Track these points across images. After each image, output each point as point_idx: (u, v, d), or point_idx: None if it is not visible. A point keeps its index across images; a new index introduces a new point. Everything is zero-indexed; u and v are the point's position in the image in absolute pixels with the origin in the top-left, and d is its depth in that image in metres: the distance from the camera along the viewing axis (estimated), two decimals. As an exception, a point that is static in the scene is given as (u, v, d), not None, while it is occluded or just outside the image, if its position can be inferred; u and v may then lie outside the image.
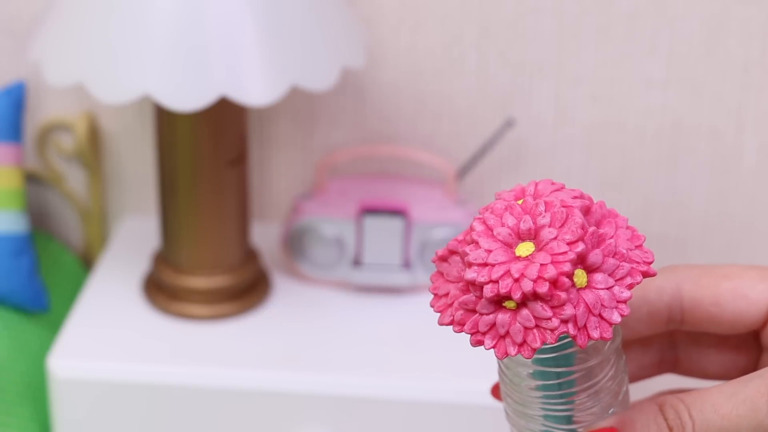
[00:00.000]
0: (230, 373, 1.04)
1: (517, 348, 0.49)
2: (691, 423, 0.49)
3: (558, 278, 0.48)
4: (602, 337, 0.48)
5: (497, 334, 0.49)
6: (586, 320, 0.48)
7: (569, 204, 0.50)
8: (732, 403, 0.49)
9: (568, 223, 0.49)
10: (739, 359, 0.57)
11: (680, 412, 0.50)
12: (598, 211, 0.51)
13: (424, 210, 1.14)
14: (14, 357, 1.11)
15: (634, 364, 0.58)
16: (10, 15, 1.22)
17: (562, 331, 0.48)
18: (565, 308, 0.48)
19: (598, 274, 0.49)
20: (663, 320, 0.55)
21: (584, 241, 0.49)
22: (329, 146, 1.24)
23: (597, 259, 0.49)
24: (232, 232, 1.10)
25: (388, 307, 1.14)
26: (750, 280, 0.54)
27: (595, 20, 1.17)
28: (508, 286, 0.48)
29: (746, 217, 1.24)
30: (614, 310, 0.49)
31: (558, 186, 0.51)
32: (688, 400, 0.50)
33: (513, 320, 0.49)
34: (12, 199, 1.16)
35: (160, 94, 0.96)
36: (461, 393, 1.03)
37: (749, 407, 0.48)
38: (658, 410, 0.50)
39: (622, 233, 0.50)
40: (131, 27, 0.96)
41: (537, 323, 0.48)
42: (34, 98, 1.25)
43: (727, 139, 1.21)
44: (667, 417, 0.50)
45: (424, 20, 1.19)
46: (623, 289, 0.49)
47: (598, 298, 0.48)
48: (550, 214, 0.49)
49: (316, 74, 1.00)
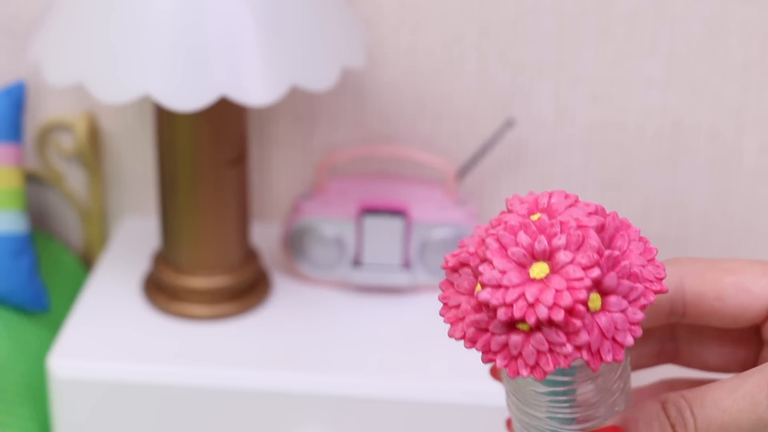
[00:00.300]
0: (230, 373, 1.04)
1: (529, 370, 0.48)
2: (693, 419, 0.50)
3: (574, 306, 0.47)
4: (615, 359, 0.48)
5: (509, 354, 0.49)
6: (600, 345, 0.48)
7: (584, 224, 0.49)
8: (732, 398, 0.49)
9: (584, 247, 0.48)
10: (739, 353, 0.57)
11: (682, 409, 0.50)
12: (612, 225, 0.50)
13: (424, 210, 1.14)
14: (14, 357, 1.11)
15: (634, 354, 0.58)
16: (10, 15, 1.22)
17: (576, 356, 0.48)
18: (581, 335, 0.48)
19: (613, 297, 0.49)
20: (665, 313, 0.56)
21: (600, 266, 0.48)
22: (329, 146, 1.24)
23: (612, 282, 0.49)
24: (232, 232, 1.10)
25: (388, 307, 1.14)
26: (753, 274, 0.54)
27: (595, 20, 1.17)
28: (522, 310, 0.48)
29: (746, 217, 1.24)
30: (627, 333, 0.48)
31: (572, 200, 0.50)
32: (690, 396, 0.50)
33: (526, 342, 0.48)
34: (12, 199, 1.16)
35: (160, 94, 0.96)
36: (461, 393, 1.03)
37: (749, 402, 0.49)
38: (660, 408, 0.51)
39: (634, 247, 0.50)
40: (131, 27, 0.96)
41: (551, 347, 0.48)
42: (34, 98, 1.25)
43: (726, 140, 1.21)
44: (670, 414, 0.50)
45: (424, 20, 1.19)
46: (636, 311, 0.49)
47: (611, 322, 0.48)
48: (566, 237, 0.49)
49: (316, 74, 1.00)
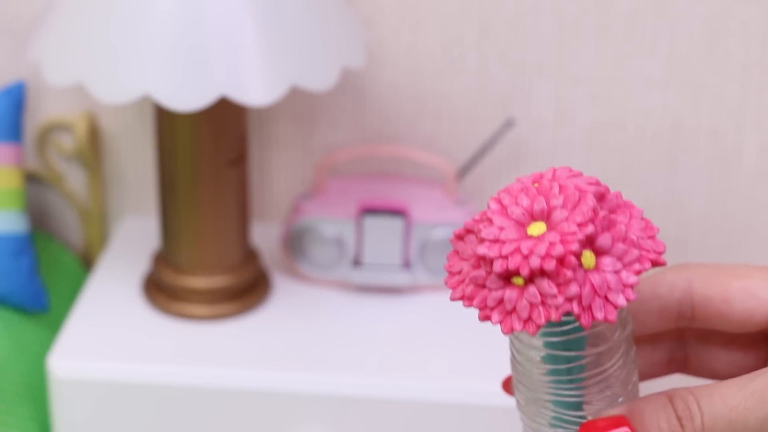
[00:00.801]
0: (230, 373, 1.04)
1: (522, 324, 0.49)
2: (700, 414, 0.50)
3: (565, 256, 0.49)
4: (606, 318, 0.49)
5: (504, 309, 0.50)
6: (591, 301, 0.49)
7: (583, 188, 0.51)
8: (741, 395, 0.50)
9: (579, 206, 0.50)
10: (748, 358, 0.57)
11: (689, 403, 0.50)
12: (614, 200, 0.51)
13: (424, 210, 1.14)
14: (14, 357, 1.11)
15: (644, 362, 0.58)
16: (10, 15, 1.22)
17: (567, 308, 0.49)
18: (571, 287, 0.48)
19: (607, 258, 0.50)
20: (673, 316, 0.56)
21: (594, 223, 0.49)
22: (329, 146, 1.24)
23: (606, 242, 0.50)
24: (232, 232, 1.10)
25: (388, 307, 1.14)
26: (760, 279, 0.54)
27: (595, 20, 1.17)
28: (517, 261, 0.49)
29: (746, 217, 1.24)
30: (620, 293, 0.49)
31: (576, 173, 0.52)
32: (698, 392, 0.51)
33: (520, 296, 0.49)
34: (12, 199, 1.16)
35: (160, 94, 0.96)
36: (461, 393, 1.03)
37: (757, 399, 0.49)
38: (667, 401, 0.51)
39: (635, 223, 0.51)
40: (131, 27, 0.96)
41: (543, 300, 0.49)
42: (34, 98, 1.25)
43: (726, 140, 1.21)
44: (677, 407, 0.51)
45: (424, 20, 1.19)
46: (630, 274, 0.49)
47: (604, 280, 0.49)
48: (563, 197, 0.50)
49: (316, 74, 0.99)
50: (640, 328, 0.57)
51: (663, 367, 0.59)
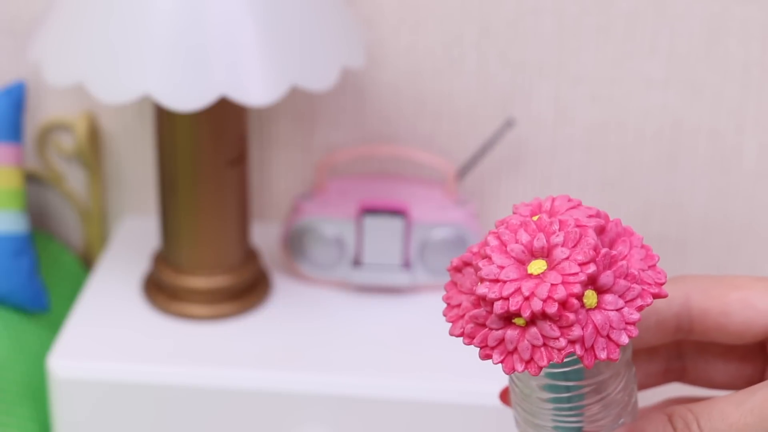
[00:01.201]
0: (230, 373, 1.04)
1: (524, 365, 0.49)
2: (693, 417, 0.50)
3: (567, 299, 0.48)
4: (609, 358, 0.49)
5: (505, 349, 0.50)
6: (594, 341, 0.49)
7: (583, 224, 0.50)
8: (740, 411, 0.49)
9: (581, 244, 0.49)
10: (745, 369, 0.57)
11: (689, 423, 0.50)
12: (613, 230, 0.51)
13: (424, 210, 1.14)
14: (14, 357, 1.11)
15: (641, 373, 0.58)
16: (10, 15, 1.22)
17: (569, 351, 0.48)
18: (574, 329, 0.48)
19: (609, 295, 0.49)
20: (671, 329, 0.56)
21: (596, 262, 0.49)
22: (329, 146, 1.24)
23: (608, 280, 0.49)
24: (232, 232, 1.10)
25: (388, 308, 1.13)
26: (759, 291, 0.54)
27: (595, 20, 1.17)
28: (518, 303, 0.49)
29: (746, 218, 1.24)
30: (622, 331, 0.49)
31: (575, 203, 0.51)
32: (697, 410, 0.50)
33: (521, 337, 0.49)
34: (12, 199, 1.16)
35: (160, 94, 0.96)
36: (461, 393, 1.03)
37: (757, 415, 0.49)
38: (667, 420, 0.51)
39: (636, 252, 0.51)
40: (131, 27, 0.96)
41: (545, 342, 0.48)
42: (34, 98, 1.25)
43: (727, 140, 1.21)
44: (676, 427, 0.51)
45: (424, 20, 1.19)
46: (633, 311, 0.49)
47: (606, 320, 0.49)
48: (564, 234, 0.49)
49: (316, 74, 0.99)
50: (638, 343, 0.56)
51: (660, 377, 0.59)
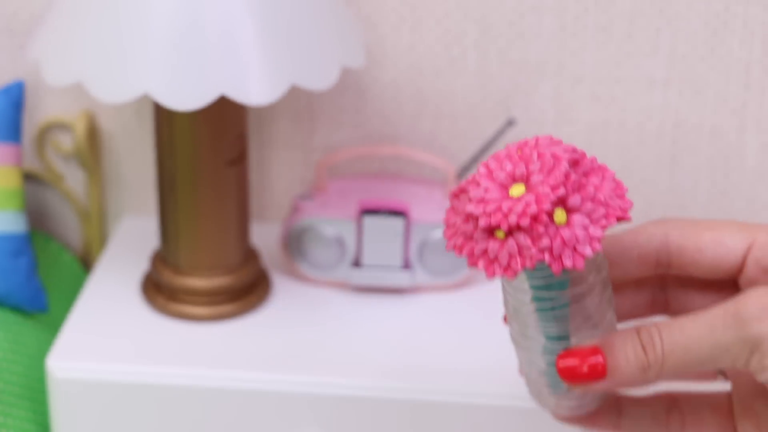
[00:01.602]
0: (230, 373, 1.04)
1: (502, 270, 0.59)
2: (660, 342, 0.58)
3: (539, 214, 0.57)
4: (575, 266, 0.57)
5: (488, 258, 0.60)
6: (561, 251, 0.58)
7: (559, 155, 0.59)
8: (694, 324, 0.57)
9: (554, 171, 0.58)
10: (720, 301, 0.64)
11: (652, 334, 0.58)
12: (588, 164, 0.60)
13: (424, 210, 1.14)
14: (12, 358, 1.11)
15: (628, 303, 0.66)
16: (8, 14, 1.21)
17: (539, 258, 0.58)
18: (543, 240, 0.57)
19: (577, 215, 0.58)
20: (652, 263, 0.63)
21: (566, 186, 0.58)
22: (329, 146, 1.24)
23: (576, 202, 0.58)
24: (231, 233, 1.10)
25: (388, 308, 1.13)
26: (729, 230, 0.62)
27: (596, 20, 1.17)
28: (498, 218, 0.59)
29: (747, 218, 1.23)
30: (587, 245, 0.58)
31: (556, 141, 0.60)
32: (661, 324, 0.59)
33: (501, 248, 0.59)
34: (10, 199, 1.16)
35: (160, 93, 0.95)
36: (461, 394, 1.02)
37: (708, 328, 0.57)
38: (635, 333, 0.59)
39: (607, 184, 0.59)
40: (131, 26, 0.96)
41: (520, 251, 0.58)
42: (33, 98, 1.24)
43: (728, 139, 1.20)
44: (642, 338, 0.58)
45: (424, 19, 1.18)
46: (597, 229, 0.58)
47: (573, 234, 0.58)
48: (540, 163, 0.59)
49: (316, 73, 0.99)
50: (624, 274, 0.65)
51: (646, 308, 0.67)
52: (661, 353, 0.57)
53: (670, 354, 0.57)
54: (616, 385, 0.59)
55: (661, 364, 0.57)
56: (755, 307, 0.56)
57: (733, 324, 0.56)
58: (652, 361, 0.57)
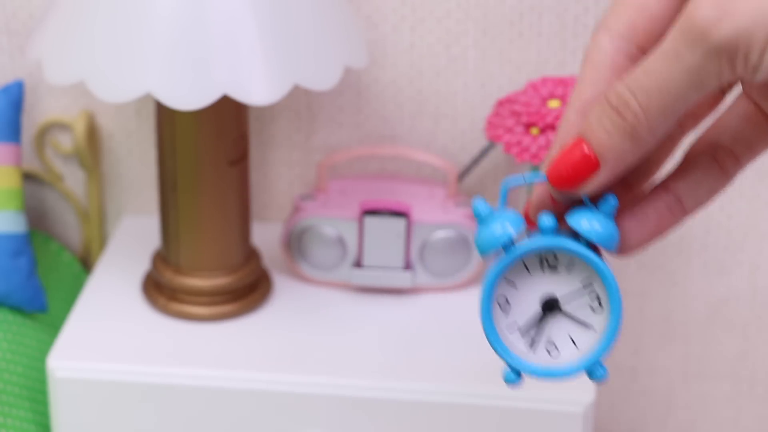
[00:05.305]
0: (230, 373, 1.04)
1: (530, 157, 0.75)
2: (633, 96, 0.51)
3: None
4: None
5: (521, 147, 0.96)
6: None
7: None
8: (657, 61, 0.50)
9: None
10: None
11: (621, 93, 0.52)
12: None
13: (425, 211, 1.14)
14: (13, 358, 1.10)
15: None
16: (7, 14, 1.21)
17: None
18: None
19: None
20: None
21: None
22: (330, 146, 1.24)
23: None
24: (232, 232, 1.09)
25: (389, 308, 1.13)
26: None
27: (596, 19, 1.17)
28: (535, 118, 0.92)
29: (748, 218, 1.23)
30: None
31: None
32: (624, 79, 0.52)
33: (534, 141, 0.79)
34: (10, 198, 1.16)
35: (162, 92, 0.95)
36: (462, 394, 1.02)
37: (673, 57, 0.50)
38: (604, 102, 0.52)
39: None
40: (133, 25, 0.96)
41: (547, 145, 0.73)
42: (33, 97, 1.24)
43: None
44: (613, 103, 0.52)
45: (424, 19, 1.18)
46: None
47: None
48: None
49: (318, 74, 0.99)
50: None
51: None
52: (638, 108, 0.51)
53: (648, 104, 0.51)
54: (618, 166, 0.53)
55: (645, 118, 0.51)
56: (708, 8, 0.48)
57: (694, 40, 0.49)
58: (633, 120, 0.51)
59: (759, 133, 0.57)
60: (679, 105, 0.51)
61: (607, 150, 0.52)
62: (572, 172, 0.53)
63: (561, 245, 0.54)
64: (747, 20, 0.48)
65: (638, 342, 1.30)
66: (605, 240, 0.53)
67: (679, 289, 1.27)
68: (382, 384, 1.03)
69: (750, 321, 1.28)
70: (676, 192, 0.57)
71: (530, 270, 0.55)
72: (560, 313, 0.56)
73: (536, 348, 0.56)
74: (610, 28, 0.55)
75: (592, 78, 0.55)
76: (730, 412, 1.32)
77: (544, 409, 1.02)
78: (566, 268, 0.55)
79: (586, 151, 0.53)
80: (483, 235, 0.54)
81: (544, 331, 0.56)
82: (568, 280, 0.55)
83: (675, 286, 1.27)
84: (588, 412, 1.02)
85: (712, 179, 0.57)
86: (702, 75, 0.49)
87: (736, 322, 1.28)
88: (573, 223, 0.53)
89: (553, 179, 0.53)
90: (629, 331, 1.30)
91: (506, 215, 0.54)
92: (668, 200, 0.57)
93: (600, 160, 0.52)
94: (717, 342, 1.29)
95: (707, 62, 0.49)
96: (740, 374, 1.30)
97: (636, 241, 0.56)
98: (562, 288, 0.55)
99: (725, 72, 0.49)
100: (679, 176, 0.57)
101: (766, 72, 0.49)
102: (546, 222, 0.54)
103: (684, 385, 1.32)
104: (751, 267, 1.25)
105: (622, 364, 1.32)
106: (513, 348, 0.56)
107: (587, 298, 0.55)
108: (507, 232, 0.53)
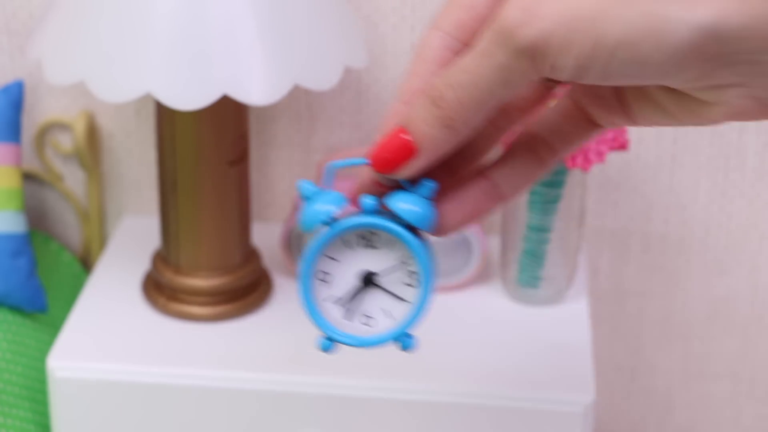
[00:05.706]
0: (230, 373, 1.04)
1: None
2: (450, 88, 0.54)
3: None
4: None
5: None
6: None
7: None
8: (473, 58, 0.53)
9: None
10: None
11: (437, 86, 0.55)
12: None
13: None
14: (13, 358, 1.10)
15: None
16: (7, 14, 1.21)
17: None
18: None
19: None
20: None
21: None
22: (329, 146, 1.24)
23: None
24: (232, 232, 1.09)
25: (388, 308, 1.13)
26: None
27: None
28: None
29: (748, 218, 1.23)
30: None
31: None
32: (443, 74, 0.55)
33: None
34: (10, 198, 1.16)
35: (162, 92, 0.95)
36: (462, 394, 1.02)
37: (485, 54, 0.53)
38: (423, 94, 0.55)
39: None
40: (133, 25, 0.96)
41: None
42: (32, 97, 1.24)
43: (729, 139, 1.20)
44: (431, 94, 0.55)
45: (424, 19, 1.18)
46: None
47: None
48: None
49: (318, 74, 0.99)
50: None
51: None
52: (453, 100, 0.54)
53: (461, 97, 0.54)
54: (434, 153, 0.56)
55: (459, 110, 0.54)
56: (516, 11, 0.51)
57: (503, 40, 0.52)
58: (448, 112, 0.54)
59: (574, 127, 0.60)
60: (490, 99, 0.53)
61: (424, 138, 0.56)
62: (392, 157, 0.57)
63: (376, 223, 0.58)
64: (548, 24, 0.50)
65: (638, 342, 1.30)
66: (420, 220, 0.57)
67: (679, 289, 1.27)
68: (382, 384, 1.03)
69: (750, 321, 1.28)
70: (493, 178, 0.60)
71: (352, 247, 0.59)
72: (377, 287, 0.60)
73: (352, 318, 0.61)
74: (440, 26, 0.58)
75: (419, 71, 0.58)
76: (730, 412, 1.32)
77: (544, 409, 1.01)
78: (386, 246, 0.59)
79: (405, 138, 0.56)
80: (306, 213, 0.59)
81: (361, 304, 0.61)
82: (387, 257, 0.59)
83: (675, 286, 1.27)
84: (588, 412, 1.02)
85: (529, 168, 0.61)
86: (509, 73, 0.52)
87: (736, 322, 1.28)
88: (390, 204, 0.57)
89: (375, 163, 0.57)
90: (629, 331, 1.30)
91: (329, 195, 0.58)
92: (485, 186, 0.60)
93: (418, 147, 0.56)
94: (717, 342, 1.29)
95: (513, 61, 0.52)
96: (740, 374, 1.30)
97: (452, 222, 0.60)
98: (380, 264, 0.59)
99: (530, 71, 0.52)
100: (497, 164, 0.61)
101: (568, 72, 0.51)
102: (367, 202, 0.58)
103: (684, 385, 1.32)
104: (751, 267, 1.25)
105: (622, 364, 1.31)
106: (329, 317, 0.61)
107: (403, 274, 0.59)
108: (328, 209, 0.58)
